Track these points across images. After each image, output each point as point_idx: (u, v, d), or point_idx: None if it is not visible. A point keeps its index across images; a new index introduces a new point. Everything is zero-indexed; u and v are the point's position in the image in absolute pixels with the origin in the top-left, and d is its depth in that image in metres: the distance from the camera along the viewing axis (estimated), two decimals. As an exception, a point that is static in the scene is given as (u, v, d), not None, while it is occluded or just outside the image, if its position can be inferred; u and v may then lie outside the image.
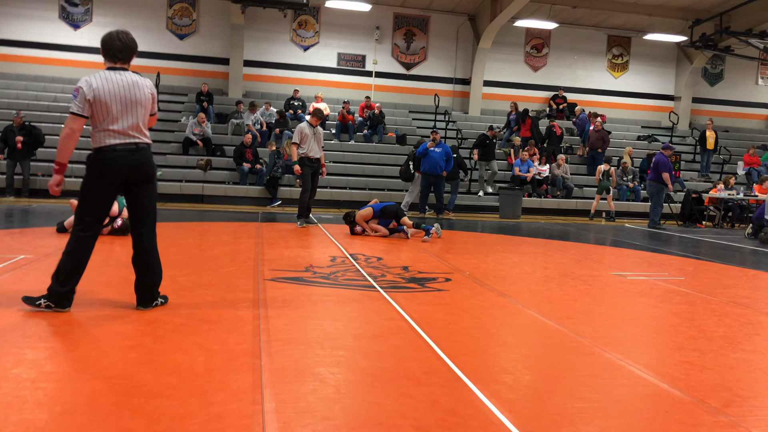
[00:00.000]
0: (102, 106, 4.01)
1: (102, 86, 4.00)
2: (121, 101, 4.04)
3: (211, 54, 18.72)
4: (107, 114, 4.02)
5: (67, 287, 4.05)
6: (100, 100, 3.99)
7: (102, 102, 4.00)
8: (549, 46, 20.79)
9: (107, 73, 4.08)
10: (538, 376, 3.32)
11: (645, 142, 19.79)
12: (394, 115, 19.12)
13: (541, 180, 16.14)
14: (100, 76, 4.04)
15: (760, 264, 8.45)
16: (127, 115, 4.07)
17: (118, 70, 4.12)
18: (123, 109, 4.05)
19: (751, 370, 3.58)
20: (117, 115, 4.04)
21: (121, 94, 4.04)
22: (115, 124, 4.04)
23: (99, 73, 4.07)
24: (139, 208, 4.21)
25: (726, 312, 5.09)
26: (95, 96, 3.99)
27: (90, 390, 2.80)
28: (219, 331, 3.80)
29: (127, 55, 4.16)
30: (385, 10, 19.52)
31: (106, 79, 4.04)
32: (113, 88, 4.03)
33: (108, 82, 4.03)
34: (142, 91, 4.13)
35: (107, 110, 4.02)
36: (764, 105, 22.65)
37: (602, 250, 9.13)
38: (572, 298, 5.39)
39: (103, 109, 4.01)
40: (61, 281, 4.03)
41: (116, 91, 4.03)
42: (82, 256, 4.09)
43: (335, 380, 3.07)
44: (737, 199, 14.68)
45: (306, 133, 9.96)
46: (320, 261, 6.67)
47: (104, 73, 4.07)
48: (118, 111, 4.04)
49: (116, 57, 4.13)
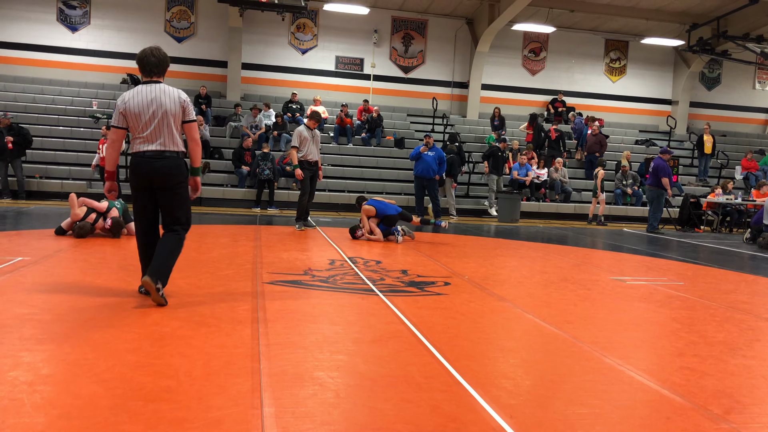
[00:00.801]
0: (133, 117, 4.42)
1: (132, 99, 4.43)
2: (150, 112, 4.42)
3: (210, 57, 18.72)
4: (138, 123, 4.43)
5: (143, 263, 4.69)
6: (132, 111, 4.41)
7: (133, 113, 4.42)
8: (547, 50, 20.82)
9: (140, 87, 4.49)
10: (539, 382, 3.31)
11: (643, 147, 19.82)
12: (392, 118, 19.12)
13: (540, 184, 16.14)
14: (133, 90, 4.48)
15: (758, 269, 8.44)
16: (155, 124, 4.43)
17: (152, 83, 4.50)
18: (152, 119, 4.42)
19: (752, 376, 3.57)
20: (146, 125, 4.42)
21: (150, 105, 4.42)
22: (144, 132, 4.43)
23: (134, 88, 4.50)
24: (164, 212, 4.59)
25: (726, 317, 5.08)
26: (126, 108, 4.42)
27: (87, 393, 2.78)
28: (217, 335, 3.78)
29: (161, 69, 4.56)
30: (384, 13, 19.53)
31: (137, 92, 4.45)
32: (142, 100, 4.42)
33: (138, 95, 4.43)
34: (170, 100, 4.47)
35: (138, 120, 4.42)
36: (761, 109, 22.70)
37: (601, 255, 9.13)
38: (572, 302, 5.37)
39: (134, 119, 4.43)
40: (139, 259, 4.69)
41: (146, 102, 4.42)
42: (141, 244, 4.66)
43: (335, 385, 3.05)
44: (735, 204, 14.69)
45: (305, 137, 9.93)
46: (319, 264, 6.65)
47: (138, 87, 4.49)
48: (147, 121, 4.42)
49: (152, 72, 4.53)
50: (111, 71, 17.96)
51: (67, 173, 14.23)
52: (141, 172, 4.43)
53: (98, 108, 16.68)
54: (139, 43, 18.11)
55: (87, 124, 16.01)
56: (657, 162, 13.17)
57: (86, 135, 15.58)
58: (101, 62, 17.93)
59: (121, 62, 18.05)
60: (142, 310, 4.31)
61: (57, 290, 4.81)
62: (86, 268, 5.75)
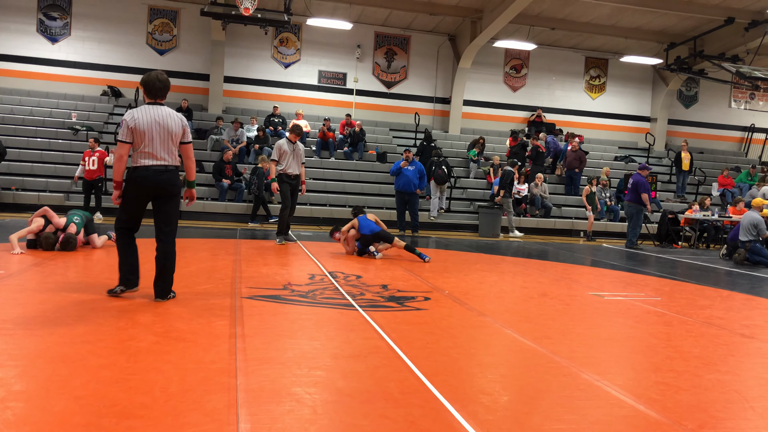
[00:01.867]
0: (140, 134, 4.90)
1: (141, 117, 4.91)
2: (155, 130, 4.92)
3: (192, 70, 18.67)
4: (144, 140, 4.90)
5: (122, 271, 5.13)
6: (139, 129, 4.89)
7: (140, 131, 4.89)
8: (528, 67, 21.05)
9: (146, 107, 4.99)
10: (516, 397, 3.31)
11: (622, 163, 20.05)
12: (374, 132, 19.18)
13: (521, 199, 16.25)
14: (140, 109, 4.96)
15: (734, 285, 8.56)
16: (160, 141, 4.95)
17: (156, 104, 5.03)
18: (156, 137, 4.93)
19: (726, 391, 3.60)
20: (151, 141, 4.92)
21: (156, 125, 4.92)
22: (150, 148, 4.92)
23: (140, 108, 4.98)
24: (164, 217, 5.14)
25: (701, 332, 5.14)
26: (136, 125, 4.89)
27: (60, 410, 2.74)
28: (194, 350, 3.75)
29: (164, 93, 5.10)
30: (367, 29, 19.65)
31: (146, 111, 4.95)
32: (151, 119, 4.92)
33: (147, 115, 4.93)
34: (174, 123, 5.02)
35: (144, 137, 4.90)
36: (737, 127, 23.11)
37: (580, 270, 9.19)
38: (550, 317, 5.40)
39: (141, 136, 4.90)
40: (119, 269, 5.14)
41: (152, 122, 4.92)
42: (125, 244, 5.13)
43: (312, 401, 3.04)
44: (712, 220, 14.90)
45: (285, 150, 9.90)
46: (299, 279, 6.63)
47: (144, 108, 4.98)
48: (152, 138, 4.92)
49: (156, 95, 5.05)
50: (91, 83, 17.85)
51: (45, 185, 14.07)
52: (146, 184, 4.94)
53: (77, 120, 16.55)
54: (121, 56, 18.20)
55: (66, 135, 15.87)
56: (636, 178, 13.33)
57: (65, 147, 15.43)
58: (81, 74, 17.80)
59: (101, 74, 17.96)
60: (118, 325, 4.27)
61: (31, 304, 4.74)
62: (62, 282, 5.67)
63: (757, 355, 4.54)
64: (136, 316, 4.51)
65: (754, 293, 7.74)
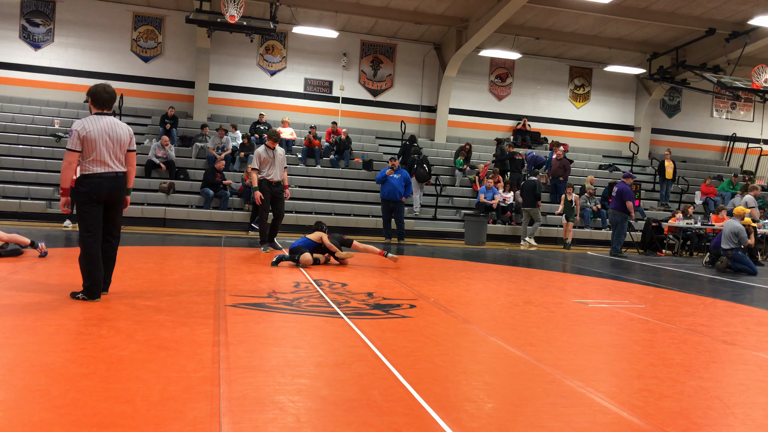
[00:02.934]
0: (91, 142, 5.19)
1: (92, 127, 5.21)
2: (106, 139, 5.24)
3: (177, 77, 18.61)
4: (95, 148, 5.19)
5: (89, 282, 5.22)
6: (90, 138, 5.18)
7: (91, 139, 5.18)
8: (513, 76, 21.20)
9: (95, 117, 5.29)
10: (500, 404, 3.31)
11: (606, 171, 20.21)
12: (360, 140, 19.20)
13: (506, 207, 16.31)
14: (90, 119, 5.25)
15: (717, 292, 8.63)
16: (111, 150, 5.28)
17: (103, 114, 5.33)
18: (108, 146, 5.26)
19: (708, 398, 3.63)
20: (101, 150, 5.22)
21: (105, 134, 5.24)
22: (102, 156, 5.23)
23: (89, 118, 5.27)
24: (112, 223, 5.42)
25: (684, 340, 5.17)
26: (87, 135, 5.17)
27: (39, 420, 2.69)
28: (177, 358, 3.71)
29: (111, 104, 5.44)
30: (353, 37, 19.70)
31: (95, 121, 5.25)
32: (100, 129, 5.23)
33: (97, 124, 5.24)
34: (122, 131, 5.39)
35: (96, 146, 5.20)
36: (719, 137, 23.39)
37: (565, 278, 9.23)
38: (535, 325, 5.41)
39: (92, 145, 5.19)
40: (84, 278, 5.24)
41: (102, 131, 5.23)
42: (89, 254, 5.22)
43: (295, 409, 3.01)
44: (695, 228, 15.04)
45: (264, 157, 9.81)
46: (283, 287, 6.59)
47: (93, 117, 5.28)
48: (102, 147, 5.22)
49: (104, 105, 5.36)
50: (74, 90, 17.70)
51: (26, 192, 13.93)
52: (101, 189, 5.22)
53: (60, 127, 16.41)
54: (105, 62, 18.09)
55: (48, 142, 15.74)
56: (621, 186, 13.44)
57: (47, 154, 15.30)
58: (64, 80, 17.67)
59: (85, 81, 17.79)
60: (99, 333, 4.22)
61: (9, 313, 4.67)
62: (41, 291, 5.61)
63: (739, 362, 4.57)
64: (117, 324, 4.46)
65: (737, 300, 7.82)
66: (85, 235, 5.22)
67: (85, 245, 5.23)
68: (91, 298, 5.22)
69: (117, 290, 5.74)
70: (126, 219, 13.54)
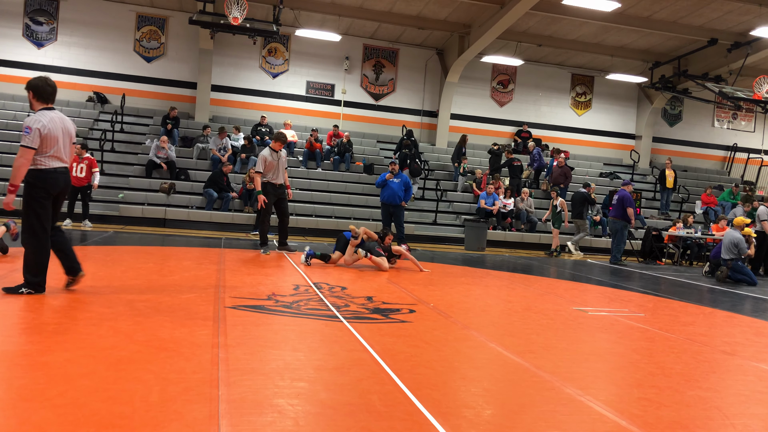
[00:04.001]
0: (52, 138, 5.17)
1: (50, 123, 5.17)
2: (62, 134, 5.26)
3: (179, 78, 18.63)
4: (54, 144, 5.19)
5: (39, 277, 5.24)
6: (51, 134, 5.16)
7: (53, 135, 5.18)
8: (515, 82, 21.22)
9: (46, 112, 5.23)
10: (499, 411, 3.31)
11: (607, 179, 20.22)
12: (361, 144, 19.23)
13: (506, 213, 16.32)
14: (44, 115, 5.18)
15: (716, 302, 8.63)
16: (65, 145, 5.31)
17: (51, 109, 5.29)
18: (62, 140, 5.27)
19: (707, 408, 3.62)
20: (59, 145, 5.24)
21: (60, 129, 5.24)
22: (58, 152, 5.24)
23: (41, 113, 5.20)
24: (56, 214, 5.43)
25: (684, 349, 5.17)
26: (48, 132, 5.13)
27: (37, 420, 2.69)
28: (176, 360, 3.71)
29: (54, 98, 5.37)
30: (355, 41, 19.73)
31: (51, 117, 5.21)
32: (56, 125, 5.22)
33: (52, 120, 5.21)
34: (71, 125, 5.42)
35: (55, 141, 5.19)
36: (720, 146, 23.42)
37: (565, 285, 9.23)
38: (534, 332, 5.41)
39: (52, 140, 5.18)
40: (35, 273, 5.21)
41: (59, 126, 5.24)
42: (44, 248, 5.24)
43: (294, 412, 3.01)
44: (695, 238, 15.04)
45: (270, 161, 9.79)
46: (283, 289, 6.59)
47: (45, 113, 5.22)
48: (60, 142, 5.23)
49: (49, 99, 5.31)
50: (77, 89, 17.74)
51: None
52: (58, 184, 5.27)
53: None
54: (108, 62, 18.11)
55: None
56: (622, 193, 13.46)
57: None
58: (67, 79, 17.68)
59: (87, 80, 17.87)
60: (99, 333, 4.21)
61: (8, 311, 4.67)
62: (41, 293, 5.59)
63: (738, 372, 4.57)
64: (117, 325, 4.45)
65: (736, 311, 7.81)
66: (40, 230, 5.20)
67: (39, 240, 5.20)
68: (38, 291, 5.25)
69: (117, 290, 5.73)
70: (126, 219, 13.75)
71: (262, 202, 9.72)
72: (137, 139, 16.98)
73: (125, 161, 15.91)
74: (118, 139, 16.50)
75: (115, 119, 16.60)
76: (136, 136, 17.13)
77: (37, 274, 5.22)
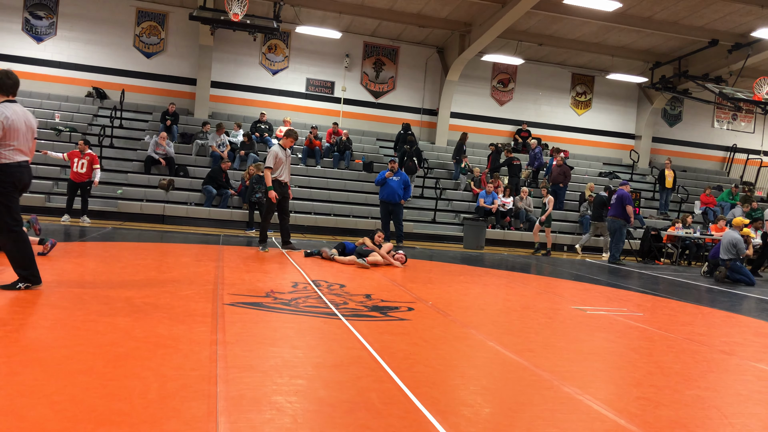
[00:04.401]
0: (15, 131, 5.09)
1: (13, 115, 5.08)
2: (25, 127, 5.19)
3: (179, 74, 18.59)
4: (17, 137, 5.10)
5: (31, 269, 5.22)
6: (15, 126, 5.07)
7: (16, 128, 5.09)
8: (515, 82, 21.21)
9: (9, 104, 5.12)
10: (498, 410, 3.30)
11: (606, 179, 20.22)
12: (361, 142, 19.21)
13: (505, 212, 16.31)
14: (6, 107, 5.07)
15: (715, 302, 8.63)
16: (27, 138, 5.23)
17: (14, 102, 5.19)
18: (25, 133, 5.20)
19: (705, 407, 3.62)
20: (22, 138, 5.16)
21: (22, 122, 5.16)
22: (21, 145, 5.17)
23: (5, 105, 5.09)
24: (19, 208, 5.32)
25: (682, 348, 5.17)
26: (12, 124, 5.05)
27: (35, 416, 2.68)
28: (174, 357, 3.70)
29: (16, 91, 5.27)
30: (356, 38, 19.70)
31: (14, 110, 5.12)
32: (19, 117, 5.13)
33: (15, 113, 5.11)
34: (33, 120, 5.35)
35: (17, 134, 5.11)
36: (719, 147, 23.42)
37: (563, 284, 9.23)
38: (533, 330, 5.41)
39: (15, 133, 5.09)
40: (26, 266, 5.20)
41: (21, 119, 5.15)
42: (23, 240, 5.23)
43: (293, 410, 3.00)
44: (694, 238, 15.04)
45: (280, 158, 9.74)
46: (281, 286, 6.58)
47: (7, 105, 5.11)
48: (22, 135, 5.16)
49: (10, 91, 5.20)
50: (76, 84, 17.71)
51: None
52: (24, 178, 5.21)
53: (61, 121, 16.39)
54: (107, 57, 18.07)
55: (48, 136, 15.70)
56: (621, 192, 13.46)
57: (47, 147, 15.23)
58: (66, 74, 17.66)
59: (86, 75, 17.83)
60: (97, 329, 4.20)
61: (6, 307, 4.66)
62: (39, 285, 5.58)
63: (736, 372, 4.57)
64: (115, 321, 4.44)
65: (734, 311, 7.82)
66: (13, 224, 5.17)
67: (17, 234, 5.20)
68: (35, 283, 5.25)
69: (115, 286, 5.73)
70: (125, 215, 13.73)
71: (273, 199, 9.61)
72: (136, 135, 16.95)
73: (124, 157, 15.89)
74: (117, 135, 16.47)
75: (114, 115, 16.57)
76: (136, 132, 17.10)
77: (27, 266, 5.21)
